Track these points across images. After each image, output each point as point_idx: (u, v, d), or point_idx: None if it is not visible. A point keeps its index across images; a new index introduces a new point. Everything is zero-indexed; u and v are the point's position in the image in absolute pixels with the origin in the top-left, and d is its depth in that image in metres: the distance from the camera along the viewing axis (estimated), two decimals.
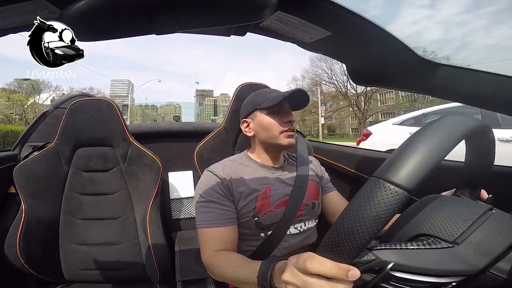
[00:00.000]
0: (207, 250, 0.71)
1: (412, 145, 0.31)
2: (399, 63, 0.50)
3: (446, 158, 0.32)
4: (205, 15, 0.37)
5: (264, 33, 0.48)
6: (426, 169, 0.29)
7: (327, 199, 0.90)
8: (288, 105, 0.80)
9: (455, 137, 0.32)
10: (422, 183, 0.29)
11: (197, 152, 0.94)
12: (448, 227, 0.37)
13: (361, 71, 0.58)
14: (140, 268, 1.00)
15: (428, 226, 0.38)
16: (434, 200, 0.43)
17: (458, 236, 0.36)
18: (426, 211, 0.41)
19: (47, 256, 0.97)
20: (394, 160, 0.31)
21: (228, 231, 0.73)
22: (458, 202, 0.42)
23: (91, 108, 1.03)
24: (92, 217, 1.02)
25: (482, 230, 0.36)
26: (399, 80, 0.57)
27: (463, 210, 0.39)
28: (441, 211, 0.40)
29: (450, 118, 0.35)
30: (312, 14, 0.42)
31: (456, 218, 0.38)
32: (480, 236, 0.36)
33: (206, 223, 0.72)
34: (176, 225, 1.42)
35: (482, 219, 0.37)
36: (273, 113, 0.79)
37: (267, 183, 0.79)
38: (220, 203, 0.73)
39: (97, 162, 1.05)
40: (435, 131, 0.32)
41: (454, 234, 0.36)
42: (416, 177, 0.29)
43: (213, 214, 0.72)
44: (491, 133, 0.41)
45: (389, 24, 2.72)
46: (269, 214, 0.76)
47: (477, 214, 0.38)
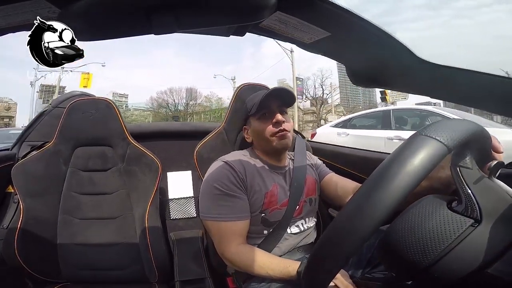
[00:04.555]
0: (229, 244, 0.71)
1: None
2: (398, 64, 0.50)
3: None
4: (205, 15, 0.37)
5: (264, 33, 0.48)
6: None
7: (326, 183, 0.89)
8: (276, 105, 0.79)
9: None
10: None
11: (197, 152, 0.94)
12: (404, 264, 0.36)
13: (360, 72, 0.58)
14: (138, 268, 1.00)
15: (387, 260, 0.38)
16: (401, 226, 0.37)
17: (418, 271, 0.34)
18: (392, 239, 0.37)
19: (45, 255, 0.97)
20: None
21: (246, 225, 0.73)
22: (432, 222, 0.35)
23: (90, 107, 1.03)
24: (91, 217, 1.02)
25: (445, 262, 0.33)
26: (398, 81, 0.57)
27: (423, 243, 0.34)
28: (402, 245, 0.35)
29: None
30: (312, 14, 0.42)
31: (412, 255, 0.34)
32: (439, 269, 0.33)
33: (225, 217, 0.72)
34: (175, 225, 1.42)
35: (448, 249, 0.33)
36: (262, 117, 0.79)
37: (275, 181, 0.79)
38: (239, 196, 0.73)
39: (96, 162, 1.05)
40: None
41: (415, 269, 0.35)
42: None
43: (233, 208, 0.72)
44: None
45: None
46: (275, 211, 0.77)
47: (433, 254, 0.33)
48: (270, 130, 0.77)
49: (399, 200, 0.28)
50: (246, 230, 0.73)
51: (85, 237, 1.00)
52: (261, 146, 0.82)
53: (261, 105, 0.76)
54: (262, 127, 0.78)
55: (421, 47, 0.44)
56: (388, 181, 0.29)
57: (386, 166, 0.31)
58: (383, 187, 0.29)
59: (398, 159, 0.30)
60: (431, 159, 0.29)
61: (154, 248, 0.98)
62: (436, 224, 0.35)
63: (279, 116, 0.77)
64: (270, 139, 0.78)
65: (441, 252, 0.33)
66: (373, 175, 0.32)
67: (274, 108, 0.78)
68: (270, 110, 0.78)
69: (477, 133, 0.34)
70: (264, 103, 0.77)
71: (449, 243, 0.33)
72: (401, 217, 0.38)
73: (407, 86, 0.61)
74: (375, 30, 0.41)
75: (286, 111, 0.82)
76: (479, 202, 0.34)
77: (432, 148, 0.30)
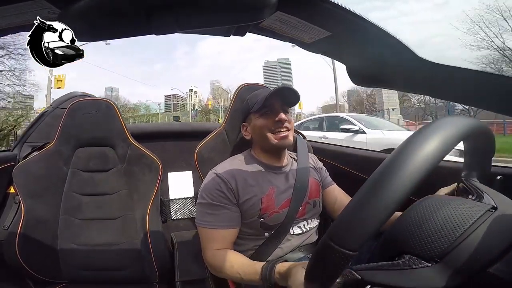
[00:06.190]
0: (209, 249, 0.72)
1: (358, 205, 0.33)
2: (399, 63, 0.50)
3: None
4: (205, 15, 0.37)
5: (264, 33, 0.48)
6: (371, 230, 0.31)
7: (328, 193, 0.90)
8: (279, 104, 0.79)
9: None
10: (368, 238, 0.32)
11: (197, 152, 0.94)
12: (428, 245, 0.37)
13: (360, 72, 0.58)
14: (139, 268, 1.00)
15: (410, 244, 0.38)
16: (423, 210, 0.41)
17: (437, 254, 0.36)
18: (411, 225, 0.40)
19: (46, 256, 0.97)
20: (340, 222, 0.34)
21: (230, 233, 0.74)
22: (447, 210, 0.39)
23: (90, 108, 1.03)
24: (92, 217, 1.02)
25: (465, 246, 0.35)
26: (399, 81, 0.57)
27: (449, 222, 0.37)
28: (425, 226, 0.39)
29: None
30: (312, 14, 0.42)
31: (438, 234, 0.37)
32: (461, 253, 0.35)
33: (209, 224, 0.73)
34: (175, 226, 1.42)
35: (466, 234, 0.36)
36: (264, 115, 0.79)
37: (271, 184, 0.79)
38: (225, 207, 0.74)
39: (97, 162, 1.05)
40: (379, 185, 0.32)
41: (434, 252, 0.36)
42: (362, 240, 0.31)
43: (217, 216, 0.73)
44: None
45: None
46: (274, 215, 0.76)
47: (462, 228, 0.36)
48: (272, 128, 0.77)
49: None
50: (228, 238, 0.74)
51: (86, 238, 1.00)
52: (260, 144, 0.82)
53: (265, 102, 0.76)
54: (264, 124, 0.78)
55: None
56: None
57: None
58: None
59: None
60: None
61: (154, 248, 0.98)
62: (453, 209, 0.38)
63: (283, 115, 0.77)
64: (271, 137, 0.77)
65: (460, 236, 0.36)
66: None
67: (277, 106, 0.78)
68: (273, 108, 0.78)
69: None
70: (268, 100, 0.77)
71: (470, 225, 0.36)
72: (409, 210, 0.42)
73: (407, 86, 0.60)
74: (375, 30, 0.41)
75: (288, 110, 0.82)
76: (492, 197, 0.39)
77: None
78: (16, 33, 0.36)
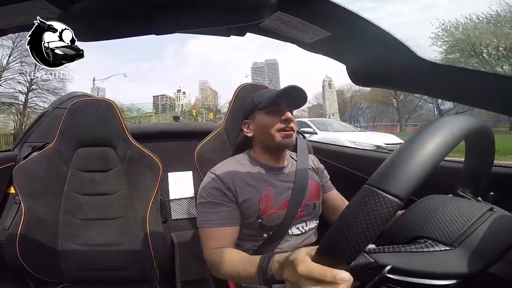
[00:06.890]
0: (208, 248, 0.72)
1: (404, 153, 0.31)
2: (399, 63, 0.50)
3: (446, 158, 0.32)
4: (205, 15, 0.37)
5: (264, 33, 0.48)
6: (418, 177, 0.29)
7: (327, 198, 0.90)
8: (286, 104, 0.79)
9: (449, 141, 0.32)
10: (415, 190, 0.29)
11: (197, 152, 0.94)
12: (446, 229, 0.37)
13: (360, 72, 0.58)
14: (140, 268, 1.00)
15: (426, 229, 0.38)
16: (434, 201, 0.43)
17: (455, 239, 0.36)
18: (425, 212, 0.41)
19: (47, 256, 0.97)
20: (387, 168, 0.30)
21: (230, 231, 0.73)
22: (457, 202, 0.41)
23: (91, 108, 1.03)
24: (92, 218, 1.02)
25: (481, 231, 0.36)
26: (399, 81, 0.57)
27: (462, 210, 0.39)
28: (440, 213, 0.39)
29: (444, 120, 0.34)
30: (312, 14, 0.42)
31: (454, 220, 0.38)
32: (479, 237, 0.36)
33: (208, 223, 0.73)
34: (176, 226, 1.42)
35: (482, 220, 0.37)
36: (270, 112, 0.79)
37: (270, 185, 0.79)
38: (224, 204, 0.74)
39: (97, 162, 1.05)
40: (428, 137, 0.31)
41: (452, 236, 0.36)
42: (410, 186, 0.29)
43: (216, 214, 0.73)
44: (491, 132, 0.41)
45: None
46: (272, 215, 0.76)
47: (477, 215, 0.38)
48: (277, 126, 0.77)
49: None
50: (228, 237, 0.73)
51: (86, 238, 1.00)
52: (262, 142, 0.82)
53: (275, 99, 0.76)
54: (269, 121, 0.78)
55: None
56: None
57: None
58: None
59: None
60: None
61: (155, 248, 0.98)
62: (458, 206, 0.39)
63: (289, 114, 0.77)
64: (275, 135, 0.77)
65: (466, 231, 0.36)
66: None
67: (285, 105, 0.79)
68: (280, 106, 0.78)
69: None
70: (278, 98, 0.77)
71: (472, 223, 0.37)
72: (416, 205, 0.44)
73: (407, 86, 0.60)
74: (375, 30, 0.41)
75: (292, 111, 0.82)
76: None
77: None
78: (16, 33, 0.36)
